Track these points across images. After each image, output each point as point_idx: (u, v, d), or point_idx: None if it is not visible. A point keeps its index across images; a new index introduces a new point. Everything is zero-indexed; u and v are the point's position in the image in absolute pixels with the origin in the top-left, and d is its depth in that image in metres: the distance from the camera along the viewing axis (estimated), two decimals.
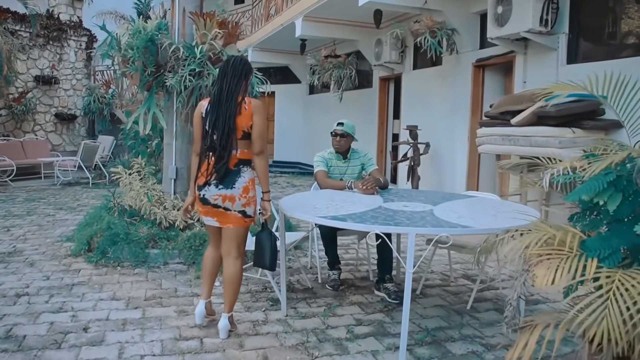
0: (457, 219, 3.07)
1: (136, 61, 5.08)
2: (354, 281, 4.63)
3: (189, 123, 5.41)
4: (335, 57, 11.69)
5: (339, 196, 3.94)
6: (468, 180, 8.51)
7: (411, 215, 3.16)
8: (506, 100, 6.74)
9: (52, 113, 14.29)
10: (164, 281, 4.53)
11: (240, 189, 3.23)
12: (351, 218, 2.98)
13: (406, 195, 4.10)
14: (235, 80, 3.27)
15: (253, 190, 3.31)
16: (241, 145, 3.25)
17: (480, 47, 8.29)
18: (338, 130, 4.53)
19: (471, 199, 4.03)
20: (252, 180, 3.30)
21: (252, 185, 3.30)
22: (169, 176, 5.60)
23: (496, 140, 6.70)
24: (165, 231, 5.17)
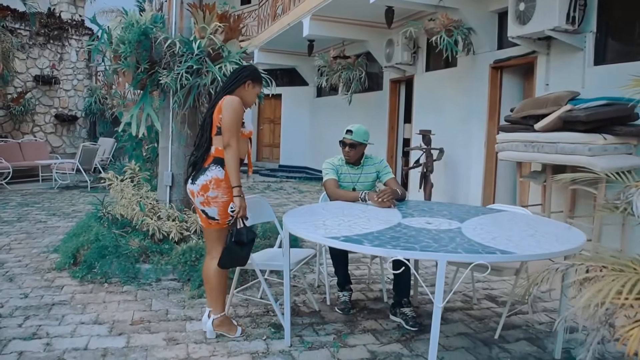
0: (491, 241, 2.60)
1: (128, 57, 4.64)
2: (367, 303, 4.16)
3: (186, 125, 4.97)
4: (344, 58, 11.23)
5: (351, 209, 3.48)
6: (484, 188, 8.03)
7: (437, 236, 2.70)
8: (529, 103, 6.26)
9: (52, 114, 13.90)
10: (154, 301, 4.07)
11: (199, 185, 3.25)
12: (368, 239, 2.51)
13: (427, 209, 3.63)
14: (231, 82, 3.38)
15: (215, 191, 3.23)
16: (216, 141, 3.27)
17: (498, 47, 7.82)
18: (346, 140, 4.05)
19: (500, 213, 3.56)
20: (216, 180, 3.23)
21: (214, 185, 3.22)
22: (164, 183, 5.15)
23: (518, 146, 6.21)
24: (158, 244, 4.71)
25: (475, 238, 2.66)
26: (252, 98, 3.46)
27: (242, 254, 3.27)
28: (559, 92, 6.05)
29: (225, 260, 3.27)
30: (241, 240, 3.20)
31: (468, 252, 2.31)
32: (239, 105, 3.25)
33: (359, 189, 3.99)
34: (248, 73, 3.40)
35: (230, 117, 3.19)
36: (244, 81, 3.36)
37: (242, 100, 3.36)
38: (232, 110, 3.20)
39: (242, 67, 3.49)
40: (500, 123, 7.73)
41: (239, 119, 3.22)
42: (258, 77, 3.45)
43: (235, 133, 3.18)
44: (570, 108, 5.63)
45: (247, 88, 3.38)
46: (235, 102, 3.23)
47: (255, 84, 3.41)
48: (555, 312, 4.05)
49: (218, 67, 4.62)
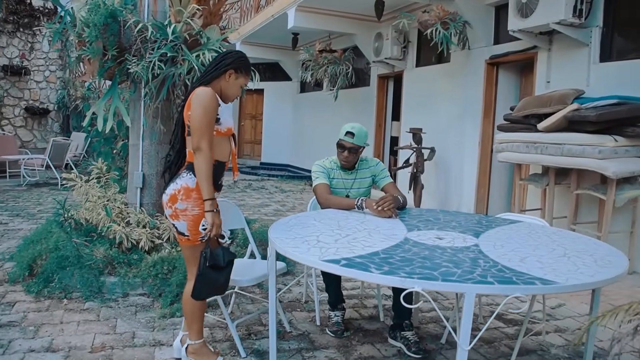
0: (521, 264, 2.15)
1: (94, 43, 4.11)
2: (361, 323, 3.69)
3: (158, 120, 4.46)
4: (330, 52, 10.75)
5: (347, 220, 3.00)
6: (478, 190, 7.62)
7: (455, 256, 2.24)
8: (531, 101, 5.85)
9: (21, 107, 13.20)
10: (119, 321, 3.56)
11: (168, 195, 2.78)
12: (374, 263, 2.04)
13: (432, 219, 3.17)
14: (209, 71, 2.86)
15: (184, 203, 2.72)
16: (188, 143, 2.79)
17: (495, 42, 7.41)
18: (346, 143, 3.51)
19: (517, 225, 3.12)
20: (185, 190, 2.72)
21: (183, 196, 2.72)
22: (134, 184, 4.62)
23: (519, 147, 5.81)
24: (126, 254, 4.19)
25: (501, 260, 2.20)
26: (234, 91, 2.88)
27: (220, 281, 2.74)
28: (563, 90, 5.64)
29: (199, 288, 2.72)
30: (217, 264, 2.69)
31: (502, 282, 1.86)
32: (210, 99, 2.68)
33: (353, 196, 3.52)
34: (230, 61, 2.84)
35: (199, 114, 2.65)
36: (224, 70, 2.82)
37: (222, 93, 2.85)
38: (201, 105, 2.67)
39: (225, 53, 2.93)
40: (497, 122, 7.34)
41: (210, 115, 2.68)
42: (243, 66, 2.88)
43: (205, 133, 2.65)
44: (577, 107, 5.23)
45: (228, 79, 2.84)
46: (205, 95, 2.69)
47: (239, 74, 2.86)
48: (569, 333, 3.63)
49: (195, 55, 4.12)
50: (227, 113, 2.87)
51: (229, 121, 2.87)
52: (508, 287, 1.83)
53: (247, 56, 2.95)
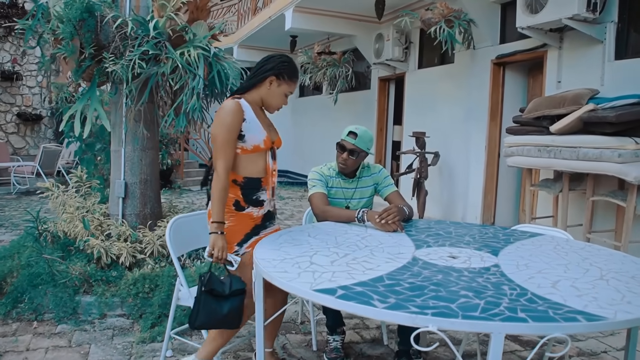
0: (554, 290, 1.79)
1: (69, 40, 3.75)
2: (363, 347, 3.32)
3: (141, 123, 4.10)
4: (329, 54, 10.40)
5: (346, 236, 2.64)
6: (485, 196, 7.26)
7: (474, 281, 1.87)
8: (543, 102, 5.48)
9: (13, 113, 12.81)
10: (93, 347, 3.19)
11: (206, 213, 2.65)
12: (378, 293, 1.67)
13: (443, 232, 2.80)
14: (248, 78, 2.64)
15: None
16: None
17: (501, 41, 7.06)
18: (347, 144, 3.13)
19: (538, 239, 2.75)
20: None
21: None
22: (115, 194, 4.26)
23: (530, 151, 5.44)
24: (104, 270, 3.83)
25: (530, 285, 1.84)
26: (277, 100, 2.61)
27: (221, 312, 2.39)
28: (577, 90, 5.28)
29: (194, 315, 2.42)
30: (216, 291, 2.38)
31: (538, 318, 1.49)
32: (229, 115, 2.44)
33: (354, 207, 3.15)
34: (271, 66, 2.56)
35: (216, 132, 2.45)
36: (263, 77, 2.56)
37: (264, 102, 2.61)
38: (218, 122, 2.46)
39: (267, 58, 2.62)
40: (504, 124, 6.99)
41: (228, 133, 2.44)
42: (286, 71, 2.58)
43: (221, 152, 2.43)
44: (593, 107, 4.86)
45: (269, 86, 2.57)
46: (224, 111, 2.46)
47: (282, 81, 2.57)
48: (594, 356, 3.26)
49: (180, 53, 3.77)
50: (257, 129, 2.54)
51: (258, 137, 2.54)
52: (545, 325, 1.47)
53: (292, 60, 2.64)
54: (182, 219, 2.94)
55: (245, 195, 2.56)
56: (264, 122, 2.62)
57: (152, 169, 4.35)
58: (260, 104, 2.64)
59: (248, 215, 2.59)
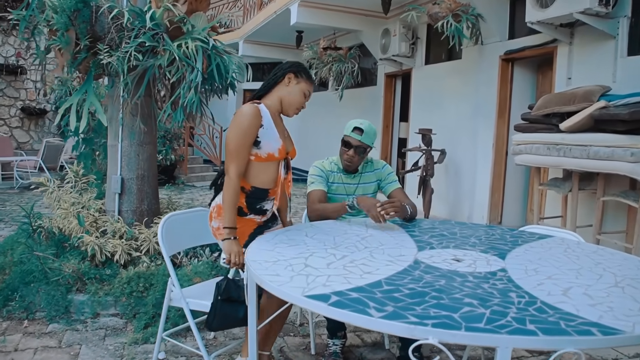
0: (565, 298, 1.66)
1: (64, 30, 3.64)
2: (363, 352, 3.20)
3: (138, 117, 3.99)
4: (335, 49, 10.26)
5: (345, 236, 2.51)
6: (492, 195, 7.11)
7: (479, 287, 1.75)
8: (553, 99, 5.33)
9: (17, 107, 12.77)
10: (84, 348, 3.09)
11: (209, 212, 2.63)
12: (374, 301, 1.55)
13: (447, 233, 2.67)
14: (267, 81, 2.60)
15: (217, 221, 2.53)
16: None
17: (510, 37, 6.91)
18: (353, 140, 3.00)
19: (547, 242, 2.61)
20: (218, 207, 2.53)
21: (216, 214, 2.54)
22: (111, 189, 4.16)
23: (539, 149, 5.30)
24: (98, 268, 3.72)
25: (539, 293, 1.71)
26: (296, 98, 2.57)
27: (238, 316, 2.37)
28: (588, 87, 5.12)
29: (210, 320, 2.41)
30: (231, 297, 2.35)
31: (548, 331, 1.36)
32: (248, 118, 2.39)
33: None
34: (289, 65, 2.59)
35: (232, 135, 2.42)
36: (282, 74, 2.55)
37: (283, 104, 2.57)
38: (236, 125, 2.42)
39: (280, 65, 2.62)
40: (512, 122, 6.84)
41: (244, 138, 2.41)
42: (302, 70, 2.58)
43: (234, 156, 2.40)
44: (604, 104, 4.71)
45: (288, 83, 2.55)
46: (242, 114, 2.42)
47: (300, 78, 2.56)
48: None
49: (177, 45, 3.65)
50: (273, 136, 2.48)
51: (273, 145, 2.49)
52: (557, 339, 1.34)
53: (304, 65, 2.66)
54: (176, 216, 2.83)
55: (249, 204, 2.52)
56: (281, 130, 2.58)
57: (150, 164, 4.25)
58: (279, 109, 2.60)
59: (250, 220, 2.56)
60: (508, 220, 7.11)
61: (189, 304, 2.62)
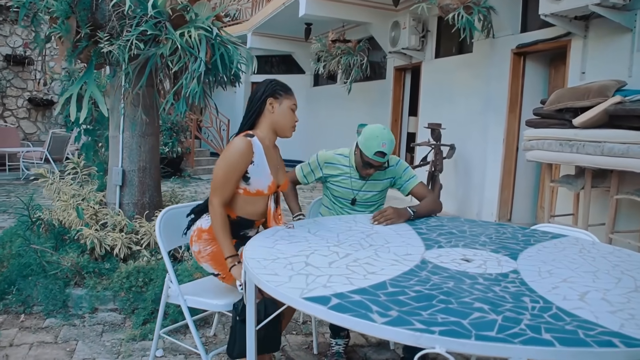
0: (582, 303, 1.55)
1: (66, 19, 3.55)
2: (367, 352, 3.10)
3: (139, 108, 3.90)
4: (343, 41, 10.12)
5: (349, 233, 2.41)
6: (501, 191, 6.98)
7: (490, 290, 1.64)
8: (566, 94, 5.19)
9: (25, 98, 12.72)
10: (80, 344, 3.01)
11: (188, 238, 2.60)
12: (378, 304, 1.44)
13: (456, 231, 2.56)
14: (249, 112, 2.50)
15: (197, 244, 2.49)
16: None
17: (522, 30, 6.76)
18: (375, 162, 2.80)
19: (562, 240, 2.50)
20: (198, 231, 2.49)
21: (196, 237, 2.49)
22: (112, 182, 4.07)
23: (551, 145, 5.16)
24: (97, 262, 3.64)
25: (554, 297, 1.60)
26: (286, 118, 2.49)
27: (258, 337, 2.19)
28: (603, 81, 4.97)
29: (232, 344, 2.28)
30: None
31: (566, 341, 1.25)
32: (238, 155, 2.33)
33: (361, 199, 2.93)
34: (263, 90, 2.47)
35: (219, 168, 2.37)
36: (263, 102, 2.46)
37: (277, 128, 2.49)
38: (224, 159, 2.37)
39: (255, 89, 2.52)
40: (523, 117, 6.70)
41: (231, 173, 2.35)
42: (278, 88, 2.48)
43: (219, 189, 2.35)
44: (619, 100, 4.56)
45: (273, 109, 2.46)
46: (233, 149, 2.35)
47: (280, 97, 2.47)
48: None
49: (180, 34, 3.55)
50: (264, 173, 2.41)
51: (263, 182, 2.42)
52: (576, 350, 1.23)
53: (277, 79, 2.53)
54: (175, 210, 2.73)
55: (232, 230, 2.44)
56: (273, 164, 2.49)
57: (152, 156, 4.16)
58: (274, 138, 2.52)
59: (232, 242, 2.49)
60: (518, 217, 6.98)
61: (186, 301, 2.53)
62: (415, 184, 2.96)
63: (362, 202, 2.95)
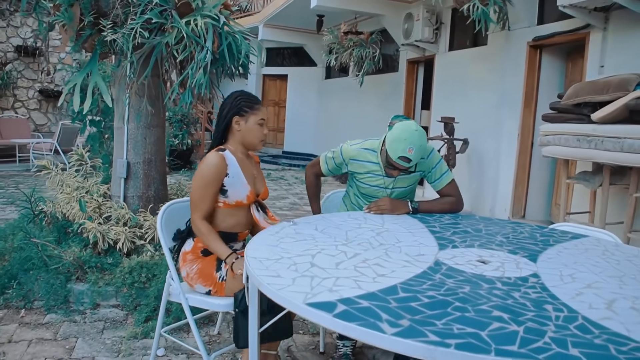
0: (611, 314, 1.42)
1: (69, 6, 3.45)
2: (376, 354, 2.97)
3: (144, 99, 3.79)
4: (356, 33, 9.97)
5: (359, 230, 2.29)
6: (515, 187, 6.82)
7: (509, 296, 1.51)
8: (584, 87, 5.02)
9: (36, 89, 12.69)
10: (79, 342, 2.92)
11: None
12: (388, 312, 1.33)
13: (471, 230, 2.43)
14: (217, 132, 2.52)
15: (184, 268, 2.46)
16: None
17: (539, 22, 6.58)
18: (400, 166, 2.55)
19: (583, 241, 2.37)
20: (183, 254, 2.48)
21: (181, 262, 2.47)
22: (117, 174, 3.98)
23: (568, 140, 5.00)
24: (99, 256, 3.55)
25: (579, 305, 1.47)
26: (253, 134, 2.46)
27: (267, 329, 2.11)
28: (623, 75, 4.80)
29: (235, 334, 2.25)
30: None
31: (596, 359, 1.13)
32: (210, 169, 2.34)
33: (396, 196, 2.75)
34: (228, 108, 2.46)
35: (195, 185, 2.37)
36: (228, 121, 2.46)
37: (246, 144, 2.49)
38: (199, 175, 2.37)
39: (222, 104, 2.51)
40: (539, 112, 6.53)
41: (206, 188, 2.35)
42: (243, 104, 2.45)
43: (197, 206, 2.35)
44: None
45: (239, 126, 2.46)
46: (206, 163, 2.36)
47: (246, 114, 2.45)
48: None
49: (185, 22, 3.44)
50: (240, 183, 2.39)
51: (241, 193, 2.41)
52: None
53: (243, 91, 2.50)
54: (177, 204, 2.63)
55: None
56: (249, 174, 2.47)
57: (158, 148, 4.06)
58: (246, 151, 2.51)
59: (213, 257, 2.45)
60: (531, 214, 6.82)
61: (188, 300, 2.43)
62: (447, 182, 2.80)
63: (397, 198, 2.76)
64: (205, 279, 2.40)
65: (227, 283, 2.36)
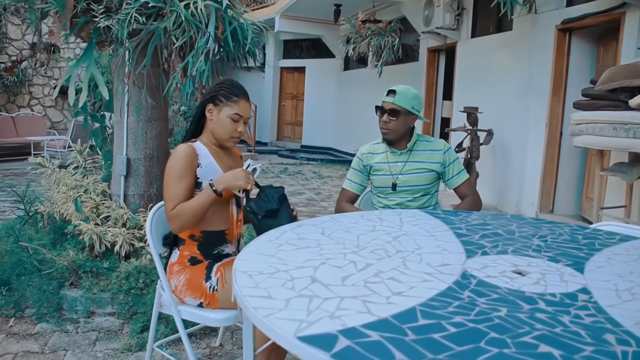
0: None
1: None
2: None
3: (144, 90, 3.53)
4: (374, 22, 9.63)
5: (372, 234, 1.99)
6: (543, 180, 6.45)
7: (557, 321, 1.21)
8: (621, 71, 4.64)
9: (51, 86, 12.58)
10: (69, 355, 2.67)
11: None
12: (402, 346, 1.03)
13: (501, 230, 2.11)
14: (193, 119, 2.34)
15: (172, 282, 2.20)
16: None
17: (567, 4, 6.18)
18: (386, 104, 2.69)
19: (634, 244, 2.03)
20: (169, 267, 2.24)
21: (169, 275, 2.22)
22: (116, 171, 3.73)
23: (603, 129, 4.62)
24: (95, 260, 3.30)
25: None
26: (223, 128, 2.22)
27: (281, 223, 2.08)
28: None
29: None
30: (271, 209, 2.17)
31: None
32: (179, 159, 2.12)
33: (402, 184, 2.66)
34: (206, 94, 2.30)
35: (166, 178, 2.15)
36: (202, 107, 2.27)
37: (216, 137, 2.25)
38: (169, 168, 2.16)
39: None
40: (568, 100, 6.15)
41: (178, 180, 2.12)
42: (222, 92, 2.22)
43: (171, 198, 2.11)
44: None
45: (211, 115, 2.24)
46: (176, 155, 2.15)
47: (221, 104, 2.22)
48: None
49: (185, 5, 3.16)
50: (215, 172, 2.18)
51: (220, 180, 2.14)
52: None
53: (230, 80, 2.23)
54: None
55: (204, 252, 2.22)
56: (226, 165, 2.22)
57: (160, 143, 3.80)
58: (216, 141, 2.29)
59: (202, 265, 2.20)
60: (561, 208, 6.45)
61: (180, 313, 2.16)
62: (462, 181, 2.74)
63: (404, 188, 2.70)
64: (194, 290, 2.14)
65: (218, 294, 2.09)
